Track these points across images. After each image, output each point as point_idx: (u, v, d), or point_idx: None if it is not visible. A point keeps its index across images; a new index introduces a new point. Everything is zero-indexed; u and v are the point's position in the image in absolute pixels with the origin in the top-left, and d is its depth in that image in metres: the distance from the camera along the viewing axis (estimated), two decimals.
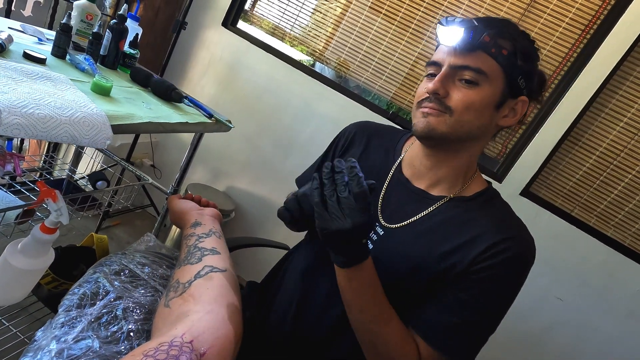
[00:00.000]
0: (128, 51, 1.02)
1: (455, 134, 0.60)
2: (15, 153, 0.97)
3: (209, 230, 0.63)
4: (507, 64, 0.58)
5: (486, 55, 0.57)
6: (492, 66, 0.58)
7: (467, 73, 0.58)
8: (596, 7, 1.38)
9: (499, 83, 0.59)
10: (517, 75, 0.59)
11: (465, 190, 0.65)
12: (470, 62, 0.58)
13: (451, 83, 0.60)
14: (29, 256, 0.71)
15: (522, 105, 0.61)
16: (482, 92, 0.58)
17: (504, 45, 0.58)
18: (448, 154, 0.64)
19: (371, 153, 0.74)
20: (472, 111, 0.59)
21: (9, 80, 0.59)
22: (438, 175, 0.66)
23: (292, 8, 1.77)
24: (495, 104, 0.60)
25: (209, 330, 0.42)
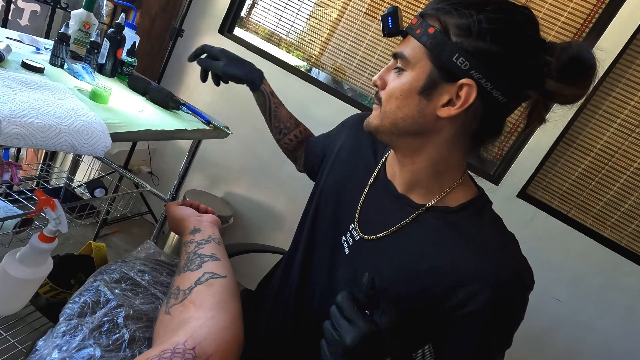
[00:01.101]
0: (126, 59, 1.02)
1: (384, 127, 0.56)
2: (12, 162, 0.96)
3: (208, 237, 0.63)
4: (434, 43, 0.50)
5: (412, 39, 0.53)
6: (415, 48, 0.52)
7: (398, 61, 0.54)
8: (588, 11, 1.41)
9: (423, 66, 0.52)
10: (450, 54, 0.49)
11: (447, 198, 0.59)
12: (400, 49, 0.54)
13: (391, 74, 0.56)
14: (28, 265, 0.71)
15: (467, 90, 0.50)
16: (403, 77, 0.53)
17: (432, 23, 0.51)
18: (404, 153, 0.59)
19: (362, 149, 0.71)
20: (394, 99, 0.54)
21: (8, 90, 0.60)
22: (407, 177, 0.60)
23: (288, 14, 1.78)
24: (417, 90, 0.52)
25: (211, 337, 0.42)
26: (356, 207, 0.65)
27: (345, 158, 0.72)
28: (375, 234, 0.61)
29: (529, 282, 0.55)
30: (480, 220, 0.58)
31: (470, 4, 0.50)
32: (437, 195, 0.59)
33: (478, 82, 0.50)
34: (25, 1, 1.44)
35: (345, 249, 0.64)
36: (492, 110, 0.53)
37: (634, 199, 1.45)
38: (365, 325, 0.44)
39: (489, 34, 0.48)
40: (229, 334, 0.44)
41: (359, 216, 0.64)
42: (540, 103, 0.54)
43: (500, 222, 0.59)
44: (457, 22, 0.49)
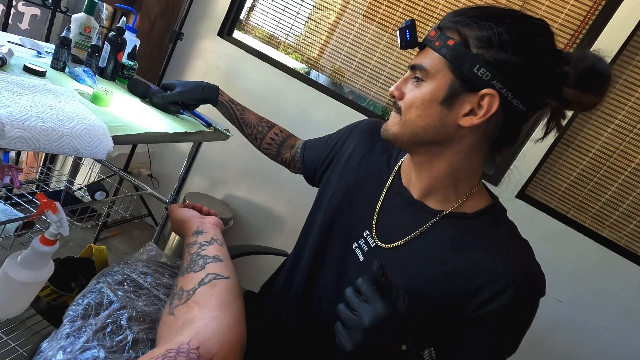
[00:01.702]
0: (126, 62, 1.03)
1: (404, 136, 0.58)
2: (13, 165, 0.97)
3: (210, 238, 0.63)
4: (454, 55, 0.52)
5: (431, 51, 0.54)
6: (435, 59, 0.54)
7: (417, 72, 0.56)
8: (585, 13, 1.42)
9: (444, 77, 0.53)
10: (471, 65, 0.51)
11: (464, 205, 0.60)
12: (417, 60, 0.56)
13: (409, 84, 0.58)
14: (29, 268, 0.71)
15: (489, 100, 0.52)
16: (424, 88, 0.55)
17: (452, 35, 0.53)
18: (422, 160, 0.60)
19: (374, 156, 0.72)
20: (414, 109, 0.55)
21: (10, 93, 0.60)
22: (424, 183, 0.61)
23: (287, 17, 1.79)
24: (440, 100, 0.54)
25: (214, 337, 0.43)
26: (372, 214, 0.65)
27: (356, 164, 0.72)
28: (393, 242, 0.61)
29: (543, 288, 0.56)
30: (498, 227, 0.59)
31: (490, 16, 0.51)
32: (454, 202, 0.60)
33: (500, 92, 0.51)
34: (25, 5, 1.44)
35: (359, 255, 0.64)
36: (512, 119, 0.54)
37: (632, 199, 1.46)
38: (385, 306, 0.44)
39: (509, 45, 0.50)
40: (233, 334, 0.45)
41: (375, 224, 0.64)
42: (559, 111, 0.55)
43: (516, 229, 0.61)
44: (477, 34, 0.51)
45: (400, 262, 0.60)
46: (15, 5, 1.40)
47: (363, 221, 0.66)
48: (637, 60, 1.39)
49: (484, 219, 0.59)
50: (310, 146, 0.86)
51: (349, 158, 0.74)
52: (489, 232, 0.58)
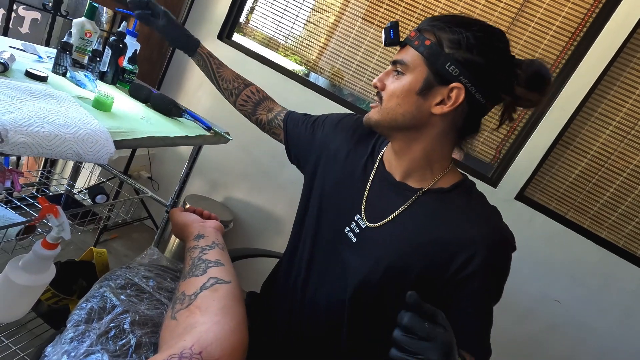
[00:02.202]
0: (127, 67, 1.03)
1: (385, 122, 0.66)
2: (13, 169, 0.97)
3: (212, 243, 0.63)
4: (430, 53, 0.61)
5: (411, 49, 0.63)
6: (414, 56, 0.63)
7: (397, 66, 0.65)
8: (582, 15, 1.43)
9: (421, 71, 0.62)
10: (443, 62, 0.61)
11: (439, 182, 0.69)
12: (398, 56, 0.65)
13: (390, 77, 0.66)
14: (31, 272, 0.71)
15: (457, 92, 0.61)
16: (404, 80, 0.64)
17: (428, 37, 0.62)
18: (401, 145, 0.69)
19: (359, 150, 0.79)
20: (394, 98, 0.64)
21: (13, 99, 0.61)
22: (404, 166, 0.70)
23: (286, 20, 1.80)
24: (417, 91, 0.63)
25: (217, 341, 0.43)
26: (361, 200, 0.72)
27: (343, 159, 0.79)
28: (381, 220, 0.69)
29: (513, 242, 0.66)
30: (469, 197, 0.68)
31: (460, 23, 0.62)
32: (430, 180, 0.69)
33: (465, 86, 0.61)
34: (26, 9, 1.45)
35: (352, 238, 0.71)
36: (475, 110, 0.64)
37: (631, 200, 1.47)
38: (445, 335, 0.44)
39: (474, 48, 0.60)
40: (235, 339, 0.45)
41: (364, 207, 0.71)
42: (511, 105, 0.67)
43: (485, 198, 0.70)
44: (450, 37, 0.61)
45: (389, 237, 0.67)
46: (15, 9, 1.40)
47: (353, 207, 0.73)
48: (634, 63, 1.40)
49: (457, 191, 0.68)
50: (294, 120, 0.91)
51: (336, 154, 0.80)
52: (462, 203, 0.67)
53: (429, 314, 0.45)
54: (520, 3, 1.48)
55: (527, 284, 1.57)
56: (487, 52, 0.61)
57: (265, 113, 0.95)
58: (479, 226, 0.63)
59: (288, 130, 0.89)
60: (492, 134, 1.58)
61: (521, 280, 1.57)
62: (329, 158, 0.81)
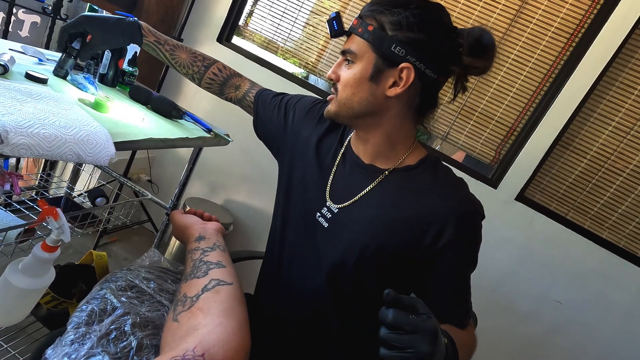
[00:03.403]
0: (127, 69, 1.03)
1: (344, 112, 0.67)
2: (13, 172, 0.97)
3: (213, 244, 0.63)
4: (374, 38, 0.62)
5: (356, 37, 0.64)
6: (360, 44, 0.63)
7: (347, 55, 0.66)
8: (580, 17, 1.43)
9: (369, 57, 0.63)
10: (388, 45, 0.61)
11: (405, 160, 0.70)
12: (346, 46, 0.66)
13: (343, 68, 0.67)
14: (30, 275, 0.71)
15: (407, 72, 0.63)
16: (354, 68, 0.64)
17: (370, 22, 0.63)
18: (365, 130, 0.70)
19: (329, 136, 0.80)
20: (348, 87, 0.65)
21: (13, 101, 0.60)
22: (370, 150, 0.71)
23: (285, 22, 1.81)
24: (368, 77, 0.64)
25: (219, 343, 0.43)
26: (326, 185, 0.73)
27: (314, 146, 0.79)
28: (348, 201, 0.70)
29: (482, 211, 0.67)
30: (435, 171, 0.69)
31: (398, 3, 0.62)
32: (396, 160, 0.70)
33: (414, 65, 0.62)
34: (25, 13, 1.45)
35: (324, 223, 0.72)
36: (428, 86, 0.65)
37: (631, 200, 1.47)
38: (430, 324, 0.45)
39: (415, 26, 0.61)
40: (237, 340, 0.45)
41: (330, 192, 0.73)
42: (461, 75, 0.68)
43: (451, 170, 0.72)
44: (390, 19, 0.62)
45: (360, 218, 0.68)
46: (15, 12, 1.40)
47: (321, 193, 0.74)
48: (633, 63, 1.41)
49: (423, 167, 0.70)
50: (264, 102, 0.89)
51: (307, 141, 0.81)
52: (429, 178, 0.68)
53: (409, 306, 0.45)
54: (518, 4, 1.49)
55: (528, 285, 1.56)
56: (428, 27, 0.62)
57: (233, 91, 0.93)
58: (446, 199, 0.65)
59: (258, 112, 0.89)
60: (492, 134, 1.59)
61: (522, 282, 1.57)
62: (300, 146, 0.81)
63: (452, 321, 0.65)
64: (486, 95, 1.57)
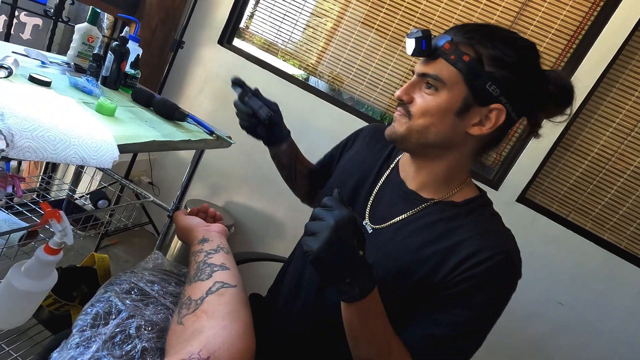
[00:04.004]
0: (129, 72, 1.03)
1: (413, 139, 0.62)
2: (15, 175, 0.97)
3: (216, 246, 0.63)
4: (469, 70, 0.57)
5: (446, 63, 0.58)
6: (451, 73, 0.58)
7: (429, 80, 0.60)
8: (580, 18, 1.44)
9: (459, 89, 0.58)
10: (484, 81, 0.57)
11: (454, 196, 0.66)
12: (430, 70, 0.60)
13: (417, 90, 0.62)
14: (33, 278, 0.71)
15: (497, 114, 0.59)
16: (439, 98, 0.59)
17: (467, 51, 0.57)
18: (425, 160, 0.66)
19: (374, 154, 0.78)
20: (428, 116, 0.60)
21: (18, 103, 0.60)
22: (421, 179, 0.67)
23: (286, 24, 1.81)
24: (455, 111, 0.59)
25: (224, 346, 0.43)
26: (368, 201, 0.71)
27: (359, 161, 0.78)
28: (383, 223, 0.67)
29: (519, 271, 0.60)
30: (482, 213, 0.65)
31: (501, 37, 0.58)
32: (445, 193, 0.66)
33: (505, 106, 0.58)
34: (27, 15, 1.46)
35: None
36: (507, 127, 0.62)
37: (632, 201, 1.47)
38: (346, 210, 0.51)
39: (514, 65, 0.57)
40: (242, 343, 0.45)
41: (369, 211, 0.70)
42: (539, 119, 0.65)
43: (499, 217, 0.66)
44: (491, 54, 0.57)
45: (391, 240, 0.65)
46: (17, 15, 1.41)
47: (362, 209, 0.72)
48: (633, 65, 1.41)
49: (470, 206, 0.65)
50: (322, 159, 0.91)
51: (354, 156, 0.80)
52: (472, 217, 0.63)
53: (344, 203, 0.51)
54: (519, 6, 1.49)
55: (529, 286, 1.56)
56: (525, 69, 0.58)
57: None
58: (491, 239, 0.59)
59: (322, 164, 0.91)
60: None
61: (523, 283, 1.56)
62: (345, 160, 0.82)
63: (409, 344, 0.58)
64: None
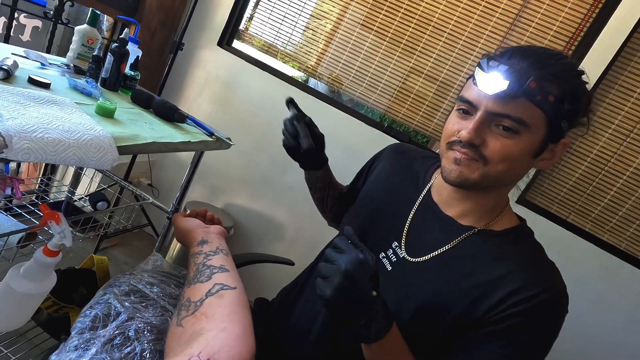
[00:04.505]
0: (129, 73, 1.03)
1: (487, 182, 0.57)
2: (14, 176, 0.96)
3: (216, 248, 0.63)
4: (553, 111, 0.52)
5: (529, 103, 0.51)
6: (535, 114, 0.52)
7: (506, 121, 0.53)
8: (579, 20, 1.44)
9: (540, 131, 0.53)
10: (561, 119, 0.53)
11: (494, 224, 0.62)
12: (511, 111, 0.52)
13: (487, 129, 0.54)
14: (32, 280, 0.71)
15: (562, 148, 0.57)
16: (521, 142, 0.53)
17: (551, 91, 0.52)
18: (477, 192, 0.61)
19: (399, 173, 0.75)
20: (509, 162, 0.54)
21: (17, 105, 0.60)
22: (463, 207, 0.63)
23: (285, 26, 1.81)
24: (533, 153, 0.55)
25: (224, 348, 0.43)
26: (403, 227, 0.67)
27: (383, 181, 0.76)
28: (422, 256, 0.63)
29: (566, 308, 0.57)
30: (525, 244, 0.61)
31: (572, 71, 0.54)
32: (486, 222, 0.62)
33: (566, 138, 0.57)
34: (27, 17, 1.46)
35: (387, 265, 0.66)
36: None
37: (631, 203, 1.47)
38: (357, 252, 0.50)
39: (581, 100, 0.54)
40: (242, 345, 0.45)
41: (405, 236, 0.66)
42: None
43: (542, 248, 0.63)
44: (569, 91, 0.53)
45: (427, 275, 0.61)
46: (17, 17, 1.41)
47: (392, 233, 0.67)
48: (631, 66, 1.41)
49: (512, 236, 0.61)
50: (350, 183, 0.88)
51: (377, 176, 0.78)
52: (516, 249, 0.59)
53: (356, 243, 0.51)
54: (517, 8, 1.49)
55: None
56: (585, 102, 0.56)
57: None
58: (536, 274, 0.56)
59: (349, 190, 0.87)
60: None
61: None
62: (370, 180, 0.80)
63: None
64: None
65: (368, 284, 0.50)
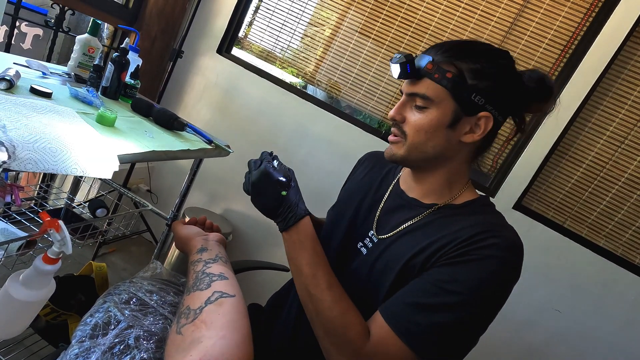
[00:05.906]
0: (129, 82, 1.05)
1: (413, 156, 0.66)
2: (14, 184, 0.97)
3: (215, 256, 0.64)
4: (454, 86, 0.61)
5: (430, 82, 0.62)
6: (437, 90, 0.62)
7: (417, 99, 0.64)
8: (574, 27, 1.47)
9: (447, 104, 0.62)
10: (468, 94, 0.61)
11: (455, 200, 0.69)
12: (418, 89, 0.64)
13: (409, 109, 0.66)
14: (31, 288, 0.71)
15: (485, 121, 0.63)
16: (430, 114, 0.63)
17: (449, 69, 0.62)
18: (425, 171, 0.70)
19: (375, 172, 0.83)
20: (423, 133, 0.64)
21: (19, 115, 0.61)
22: (423, 188, 0.71)
23: (284, 34, 1.83)
24: (447, 124, 0.63)
25: (223, 356, 0.43)
26: (374, 216, 0.74)
27: (360, 179, 0.84)
28: (389, 233, 0.70)
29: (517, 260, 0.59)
30: (484, 212, 0.67)
31: (477, 51, 0.64)
32: (447, 199, 0.70)
33: (491, 113, 0.63)
34: (28, 26, 1.47)
35: (363, 251, 0.72)
36: (496, 129, 0.66)
37: (627, 209, 1.49)
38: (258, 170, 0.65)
39: (494, 75, 0.62)
40: (241, 354, 0.45)
41: (377, 222, 0.73)
42: (524, 116, 0.70)
43: (502, 216, 0.67)
44: (471, 68, 0.62)
45: (397, 246, 0.68)
46: (18, 25, 1.42)
47: (368, 223, 0.75)
48: (625, 73, 1.44)
49: (471, 208, 0.68)
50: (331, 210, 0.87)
51: (356, 177, 0.87)
52: (476, 216, 0.65)
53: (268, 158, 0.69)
54: (513, 16, 1.52)
55: (527, 293, 1.57)
56: (503, 76, 0.63)
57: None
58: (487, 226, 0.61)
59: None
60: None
61: (521, 290, 1.57)
62: (350, 181, 0.89)
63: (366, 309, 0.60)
64: None
65: (276, 186, 0.64)
